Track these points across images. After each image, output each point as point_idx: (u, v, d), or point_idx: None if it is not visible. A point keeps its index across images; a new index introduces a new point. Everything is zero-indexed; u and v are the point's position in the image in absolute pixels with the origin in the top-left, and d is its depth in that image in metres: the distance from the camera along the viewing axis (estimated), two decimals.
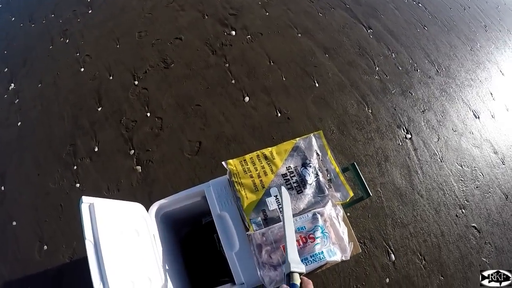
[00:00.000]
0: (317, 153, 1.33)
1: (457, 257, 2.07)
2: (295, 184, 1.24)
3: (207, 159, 2.29)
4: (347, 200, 1.27)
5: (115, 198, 2.07)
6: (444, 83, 2.72)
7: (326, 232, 1.16)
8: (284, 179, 1.26)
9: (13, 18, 3.40)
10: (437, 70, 2.78)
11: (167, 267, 1.25)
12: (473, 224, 2.18)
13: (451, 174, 2.32)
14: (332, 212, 1.21)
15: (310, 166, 1.28)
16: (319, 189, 1.25)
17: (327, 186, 1.26)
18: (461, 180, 2.31)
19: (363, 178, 1.39)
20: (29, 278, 2.06)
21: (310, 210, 1.20)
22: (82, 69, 2.82)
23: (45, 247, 2.13)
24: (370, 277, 1.96)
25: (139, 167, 2.30)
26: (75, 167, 2.37)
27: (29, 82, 2.85)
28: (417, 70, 2.75)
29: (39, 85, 2.81)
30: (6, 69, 3.01)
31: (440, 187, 2.26)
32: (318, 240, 1.13)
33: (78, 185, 2.30)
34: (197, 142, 2.36)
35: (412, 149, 2.36)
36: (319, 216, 1.17)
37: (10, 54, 3.12)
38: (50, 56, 2.98)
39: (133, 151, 2.37)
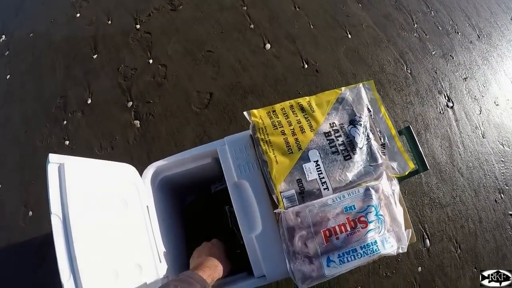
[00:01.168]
0: (368, 109, 1.00)
1: (493, 247, 1.82)
2: (341, 147, 0.92)
3: (219, 114, 2.01)
4: (406, 173, 0.95)
5: (108, 157, 1.82)
6: (486, 50, 2.36)
7: (381, 215, 0.85)
8: (328, 139, 0.93)
9: None
10: (478, 35, 2.42)
11: (164, 249, 0.96)
12: (510, 212, 1.91)
13: (492, 152, 2.02)
14: (388, 188, 0.90)
15: (360, 124, 0.95)
16: (371, 156, 0.93)
17: (381, 153, 0.95)
18: (502, 161, 2.02)
19: (419, 147, 1.07)
20: (12, 247, 1.87)
21: (360, 184, 0.89)
22: (78, 15, 2.49)
23: (30, 213, 1.92)
24: (402, 265, 1.71)
25: (137, 122, 2.03)
26: (64, 122, 2.10)
27: (21, 32, 2.57)
28: (457, 33, 2.39)
29: (31, 34, 2.51)
30: None
31: (481, 166, 1.97)
32: (371, 226, 0.82)
33: (67, 142, 2.05)
34: (207, 93, 2.07)
35: (453, 120, 2.05)
36: (373, 192, 0.85)
37: (2, 6, 2.78)
38: (44, 3, 2.64)
39: (131, 103, 2.09)
